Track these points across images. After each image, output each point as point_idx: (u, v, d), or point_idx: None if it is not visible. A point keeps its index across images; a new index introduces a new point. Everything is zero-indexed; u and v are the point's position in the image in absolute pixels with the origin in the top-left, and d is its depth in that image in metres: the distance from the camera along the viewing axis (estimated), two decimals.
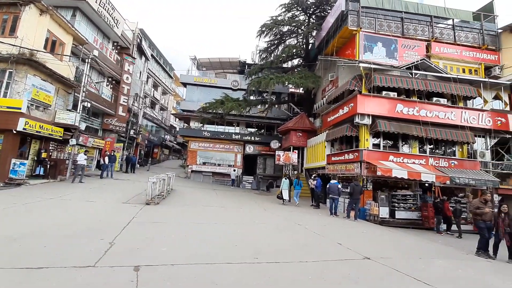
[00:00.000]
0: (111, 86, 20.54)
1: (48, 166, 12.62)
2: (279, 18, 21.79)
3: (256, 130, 26.84)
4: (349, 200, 11.12)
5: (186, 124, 27.69)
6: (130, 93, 21.56)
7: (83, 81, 14.17)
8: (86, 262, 3.73)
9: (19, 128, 10.64)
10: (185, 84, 27.63)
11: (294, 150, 19.09)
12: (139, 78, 25.96)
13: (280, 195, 13.77)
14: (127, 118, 21.78)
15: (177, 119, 38.11)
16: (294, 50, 21.74)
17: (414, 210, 12.57)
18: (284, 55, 21.24)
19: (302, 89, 22.40)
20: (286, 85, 23.11)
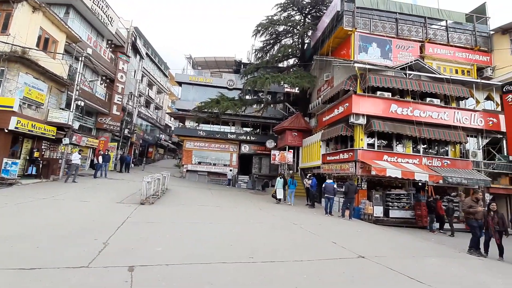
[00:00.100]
0: (105, 84, 20.33)
1: (40, 165, 12.45)
2: (275, 18, 21.82)
3: (251, 129, 26.84)
4: (343, 199, 11.20)
5: (181, 123, 27.56)
6: (124, 92, 21.35)
7: (77, 79, 14.00)
8: (80, 263, 3.69)
9: (11, 127, 10.47)
10: (180, 83, 27.51)
11: (290, 150, 19.15)
12: (134, 76, 25.73)
13: (275, 194, 13.80)
14: (122, 117, 21.59)
15: (172, 118, 37.95)
16: (290, 50, 21.80)
17: (407, 209, 12.72)
18: (279, 55, 21.28)
19: (297, 88, 22.50)
20: (281, 84, 23.13)
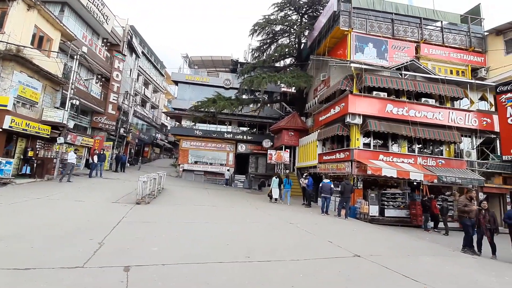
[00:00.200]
0: (101, 83, 20.16)
1: (35, 165, 12.30)
2: (272, 17, 21.81)
3: (248, 129, 26.81)
4: (340, 198, 11.25)
5: (177, 122, 27.44)
6: (120, 90, 21.20)
7: (72, 78, 13.86)
8: (75, 263, 3.66)
9: (5, 126, 10.36)
10: (176, 82, 27.34)
11: (286, 149, 19.20)
12: (130, 75, 25.54)
13: (270, 194, 13.84)
14: (117, 116, 21.45)
15: (168, 118, 37.75)
16: (287, 50, 21.81)
17: (403, 208, 12.81)
18: (276, 54, 21.26)
19: (294, 88, 22.49)
20: (278, 84, 23.18)
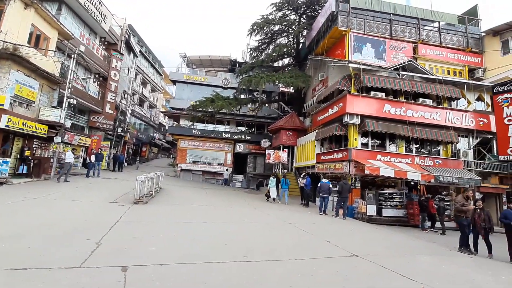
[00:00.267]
0: (98, 82, 20.07)
1: (31, 164, 12.22)
2: (270, 17, 21.80)
3: (246, 128, 26.80)
4: (338, 198, 11.29)
5: (175, 122, 27.36)
6: (117, 90, 21.11)
7: (69, 77, 13.77)
8: (72, 263, 3.65)
9: (1, 125, 10.30)
10: (174, 81, 27.27)
11: (284, 149, 19.20)
12: (127, 75, 25.44)
13: (268, 194, 13.86)
14: (115, 116, 21.35)
15: (166, 117, 37.63)
16: (285, 49, 21.81)
17: (400, 208, 12.86)
18: (274, 54, 21.27)
19: (292, 88, 22.52)
20: (276, 84, 23.16)
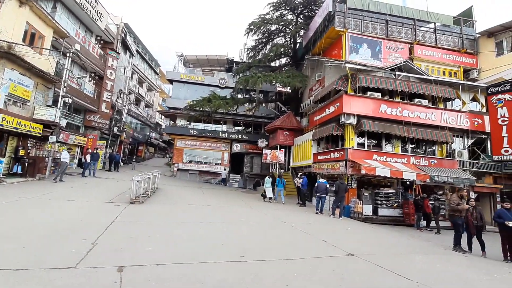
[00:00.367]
0: (94, 81, 19.92)
1: (26, 164, 12.10)
2: (267, 17, 21.79)
3: (243, 128, 26.79)
4: (334, 198, 11.33)
5: (172, 121, 27.27)
6: (113, 89, 20.97)
7: (64, 76, 13.65)
8: (67, 263, 3.62)
9: None
10: (171, 81, 27.15)
11: (281, 149, 19.24)
12: (124, 74, 25.28)
13: (264, 193, 13.88)
14: (111, 115, 21.22)
15: (163, 117, 37.49)
16: (282, 49, 21.81)
17: (396, 208, 12.96)
18: (272, 54, 21.27)
19: (289, 88, 22.55)
20: (273, 84, 23.18)
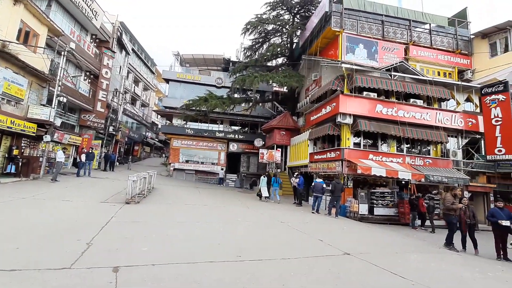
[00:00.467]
0: (89, 80, 19.74)
1: (20, 163, 11.95)
2: (264, 17, 21.81)
3: (240, 128, 26.77)
4: (330, 197, 11.39)
5: (168, 121, 27.13)
6: (109, 88, 20.80)
7: (59, 74, 13.50)
8: (62, 264, 3.58)
9: None
10: (167, 80, 27.02)
11: (278, 148, 19.26)
12: (119, 73, 25.10)
13: (259, 193, 13.92)
14: (106, 114, 21.03)
15: (159, 116, 37.29)
16: (279, 49, 21.85)
17: (391, 207, 13.06)
18: (268, 54, 21.28)
19: (286, 88, 22.58)
20: (270, 83, 23.19)
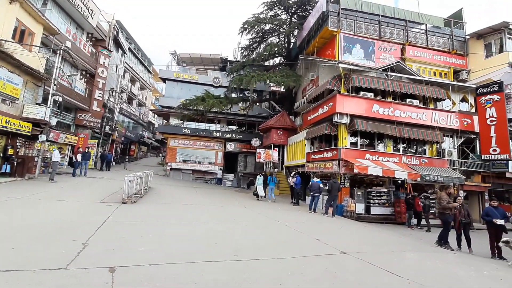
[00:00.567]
0: (85, 79, 19.59)
1: (15, 163, 11.84)
2: (261, 16, 21.77)
3: (237, 127, 26.74)
4: (327, 197, 11.42)
5: (165, 120, 27.04)
6: (105, 87, 20.65)
7: (54, 73, 13.38)
8: (58, 264, 3.56)
9: None
10: (164, 79, 26.87)
11: (275, 148, 19.29)
12: (116, 72, 24.95)
13: (256, 192, 13.93)
14: (102, 114, 20.90)
15: (156, 116, 37.14)
16: (276, 49, 21.80)
17: (387, 206, 13.15)
18: (266, 53, 21.25)
19: (283, 87, 22.61)
20: (267, 83, 23.18)
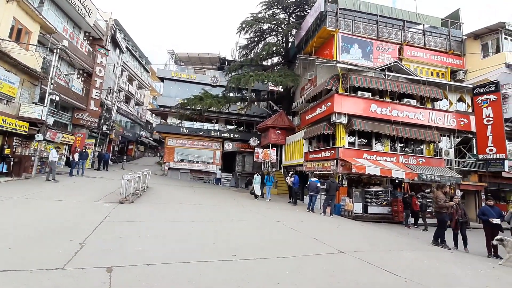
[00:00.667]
0: (82, 79, 19.49)
1: (11, 163, 11.75)
2: (260, 16, 21.76)
3: (235, 127, 26.73)
4: (325, 196, 11.46)
5: (163, 120, 26.94)
6: (103, 86, 20.57)
7: (51, 72, 13.30)
8: (55, 264, 3.54)
9: None
10: (162, 78, 26.78)
11: (273, 148, 19.30)
12: (113, 71, 24.84)
13: (253, 191, 13.95)
14: (100, 113, 20.79)
15: (153, 115, 36.99)
16: (274, 48, 21.83)
17: (385, 205, 13.21)
18: (264, 53, 21.24)
19: (281, 87, 22.61)
20: (265, 83, 23.11)
